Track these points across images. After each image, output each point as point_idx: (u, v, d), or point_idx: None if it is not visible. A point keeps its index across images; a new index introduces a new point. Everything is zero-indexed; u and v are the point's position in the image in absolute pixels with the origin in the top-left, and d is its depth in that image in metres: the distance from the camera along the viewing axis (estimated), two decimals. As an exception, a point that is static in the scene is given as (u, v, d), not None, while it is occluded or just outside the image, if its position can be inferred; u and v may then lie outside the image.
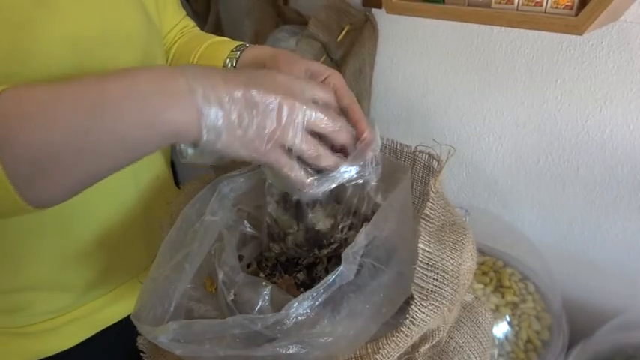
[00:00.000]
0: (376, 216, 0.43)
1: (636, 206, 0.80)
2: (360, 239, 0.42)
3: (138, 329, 0.42)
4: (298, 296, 0.40)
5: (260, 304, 0.43)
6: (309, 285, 0.48)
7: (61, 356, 0.62)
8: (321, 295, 0.40)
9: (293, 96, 0.41)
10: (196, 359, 0.42)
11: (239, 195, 0.54)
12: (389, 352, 0.41)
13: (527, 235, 0.92)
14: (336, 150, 0.46)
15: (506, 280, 0.82)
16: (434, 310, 0.41)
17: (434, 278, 0.42)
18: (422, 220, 0.44)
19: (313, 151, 0.43)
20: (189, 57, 0.66)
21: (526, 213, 0.94)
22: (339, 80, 0.50)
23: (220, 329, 0.41)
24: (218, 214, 0.50)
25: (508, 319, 0.77)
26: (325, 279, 0.40)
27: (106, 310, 0.64)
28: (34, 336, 0.60)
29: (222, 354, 0.40)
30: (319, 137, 0.44)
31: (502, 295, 0.80)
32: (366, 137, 0.46)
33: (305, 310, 0.40)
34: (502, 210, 0.97)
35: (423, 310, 0.41)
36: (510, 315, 0.78)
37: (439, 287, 0.42)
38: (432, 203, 0.45)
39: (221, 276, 0.46)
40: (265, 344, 0.40)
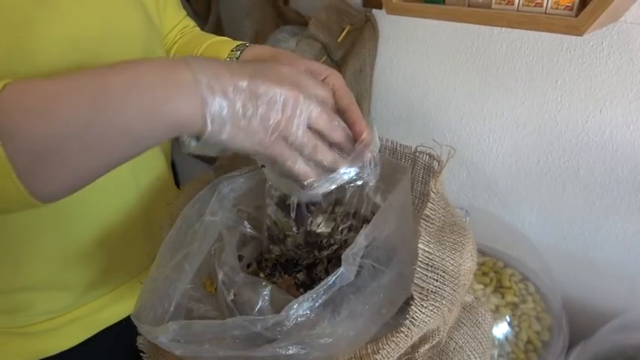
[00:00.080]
0: (376, 217, 0.43)
1: (636, 207, 0.80)
2: (360, 240, 0.42)
3: (138, 329, 0.42)
4: (298, 298, 0.40)
5: (260, 305, 0.43)
6: (309, 285, 0.49)
7: (62, 356, 0.62)
8: (321, 297, 0.40)
9: (298, 89, 0.41)
10: (196, 359, 0.42)
11: (239, 195, 0.54)
12: (389, 353, 0.41)
13: (527, 236, 0.92)
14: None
15: (506, 281, 0.82)
16: (434, 311, 0.41)
17: (434, 279, 0.42)
18: (422, 221, 0.44)
19: (313, 146, 0.43)
20: None
21: (526, 214, 0.94)
22: (339, 80, 0.50)
23: (220, 330, 0.41)
24: (218, 215, 0.51)
25: (508, 320, 0.77)
26: (325, 280, 0.40)
27: (106, 311, 0.64)
28: (35, 336, 0.60)
29: (221, 354, 0.40)
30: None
31: (502, 296, 0.80)
32: (365, 138, 0.46)
33: (305, 312, 0.40)
34: (502, 210, 0.97)
35: (423, 311, 0.41)
36: (510, 316, 0.78)
37: (439, 288, 0.42)
38: (433, 204, 0.45)
39: (221, 276, 0.46)
40: (265, 345, 0.40)
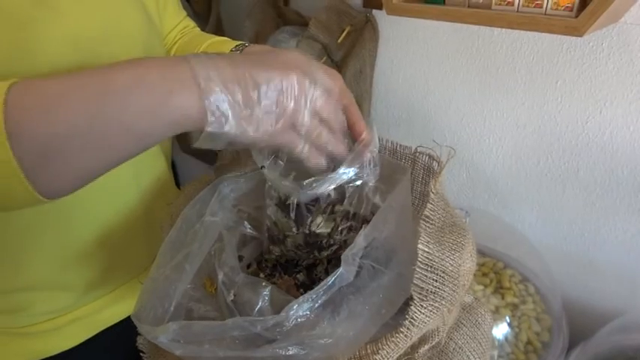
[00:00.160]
0: (375, 217, 0.43)
1: (636, 208, 0.80)
2: (360, 241, 0.42)
3: (138, 329, 0.42)
4: (298, 298, 0.40)
5: (260, 305, 0.43)
6: (308, 286, 0.49)
7: (62, 356, 0.62)
8: (321, 297, 0.40)
9: (303, 73, 0.41)
10: (196, 359, 0.42)
11: (239, 196, 0.54)
12: (388, 353, 0.41)
13: (527, 237, 0.92)
14: None
15: (506, 282, 0.82)
16: (433, 311, 0.41)
17: (433, 279, 0.42)
18: (422, 221, 0.44)
19: (318, 133, 0.42)
20: None
21: (526, 214, 0.94)
22: (338, 81, 0.51)
23: (220, 331, 0.41)
24: (218, 215, 0.51)
25: (508, 321, 0.77)
26: (325, 281, 0.40)
27: (107, 311, 0.64)
28: (35, 336, 0.61)
29: (221, 355, 0.40)
30: None
31: (502, 297, 0.80)
32: (364, 138, 0.46)
33: (305, 312, 0.40)
34: (502, 211, 0.97)
35: (423, 311, 0.41)
36: (510, 316, 0.78)
37: (439, 288, 0.42)
38: (432, 204, 0.45)
39: (221, 276, 0.46)
40: (265, 345, 0.40)
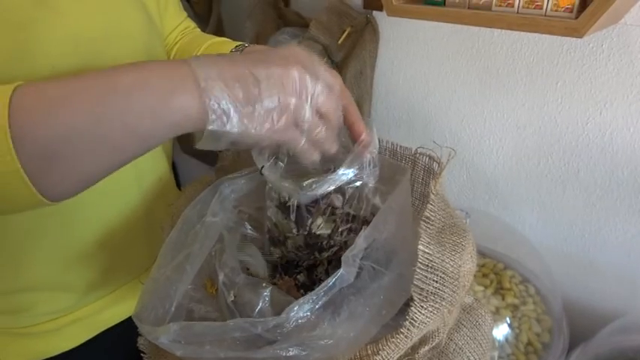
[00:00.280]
0: (375, 218, 0.43)
1: (637, 209, 0.80)
2: (360, 242, 0.42)
3: (139, 330, 0.42)
4: (298, 299, 0.40)
5: (260, 306, 0.43)
6: (309, 287, 0.49)
7: (63, 357, 0.62)
8: (322, 298, 0.40)
9: (305, 69, 0.41)
10: (197, 360, 0.42)
11: (240, 196, 0.54)
12: (389, 354, 0.41)
13: (527, 238, 0.92)
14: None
15: (506, 283, 0.82)
16: (433, 312, 0.41)
17: (434, 280, 0.42)
18: (422, 222, 0.44)
19: (319, 131, 0.42)
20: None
21: (526, 215, 0.94)
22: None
23: (221, 332, 0.41)
24: (219, 216, 0.51)
25: (508, 322, 0.77)
26: (325, 282, 0.40)
27: (108, 311, 0.65)
28: (37, 336, 0.61)
29: (222, 356, 0.40)
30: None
31: (502, 298, 0.80)
32: (364, 139, 0.46)
33: (305, 313, 0.40)
34: (502, 212, 0.97)
35: (423, 312, 0.41)
36: (511, 317, 0.78)
37: (439, 289, 0.42)
38: (433, 205, 0.45)
39: (221, 277, 0.46)
40: (266, 346, 0.40)
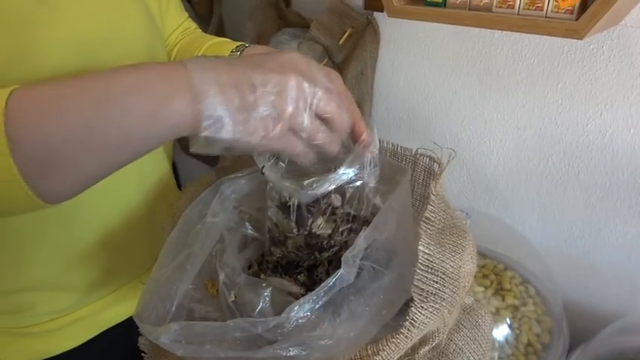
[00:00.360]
0: (376, 219, 0.43)
1: (637, 210, 0.80)
2: (360, 242, 0.42)
3: (140, 329, 0.43)
4: (299, 299, 0.40)
5: (261, 306, 0.44)
6: (309, 287, 0.49)
7: (64, 356, 0.62)
8: (322, 298, 0.41)
9: (302, 75, 0.40)
10: (197, 360, 0.42)
11: (241, 197, 0.54)
12: (389, 354, 0.41)
13: (527, 239, 0.92)
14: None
15: (506, 284, 0.82)
16: (434, 313, 0.41)
17: (434, 280, 0.42)
18: (422, 223, 0.44)
19: (323, 137, 0.42)
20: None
21: (527, 216, 0.94)
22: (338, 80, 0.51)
23: (221, 331, 0.41)
24: (219, 216, 0.51)
25: (509, 322, 0.77)
26: (325, 282, 0.41)
27: (109, 311, 0.65)
28: (38, 336, 0.61)
29: (223, 355, 0.40)
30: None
31: (503, 299, 0.80)
32: (365, 139, 0.46)
33: (305, 313, 0.40)
34: (503, 213, 0.97)
35: (423, 313, 0.41)
36: (511, 318, 0.78)
37: (439, 290, 0.42)
38: (433, 206, 0.45)
39: (222, 277, 0.46)
40: (266, 346, 0.40)
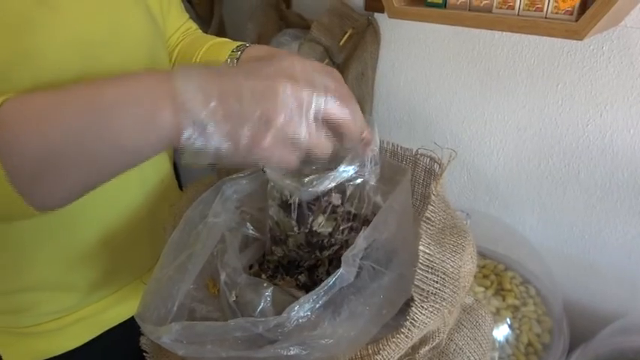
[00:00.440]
0: (376, 219, 0.43)
1: (637, 210, 0.80)
2: (360, 242, 0.42)
3: (142, 329, 0.43)
4: (299, 299, 0.41)
5: (262, 306, 0.44)
6: (310, 287, 0.49)
7: (66, 356, 0.62)
8: (322, 298, 0.41)
9: (297, 80, 0.38)
10: (199, 360, 0.42)
11: (242, 197, 0.54)
12: (389, 354, 0.41)
13: (528, 239, 0.92)
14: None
15: (507, 284, 0.82)
16: (434, 312, 0.41)
17: (434, 280, 0.42)
18: (423, 223, 0.44)
19: (321, 144, 0.40)
20: (191, 58, 0.67)
21: (527, 216, 0.94)
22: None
23: (222, 331, 0.41)
24: (221, 216, 0.51)
25: (509, 323, 0.77)
26: (325, 282, 0.41)
27: (111, 311, 0.65)
28: (40, 336, 0.61)
29: (224, 355, 0.40)
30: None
31: (503, 299, 0.80)
32: (365, 137, 0.46)
33: (306, 313, 0.41)
34: (503, 213, 0.97)
35: (423, 312, 0.41)
36: (511, 318, 0.78)
37: (439, 289, 0.42)
38: (433, 206, 0.45)
39: (223, 277, 0.46)
40: (267, 346, 0.40)
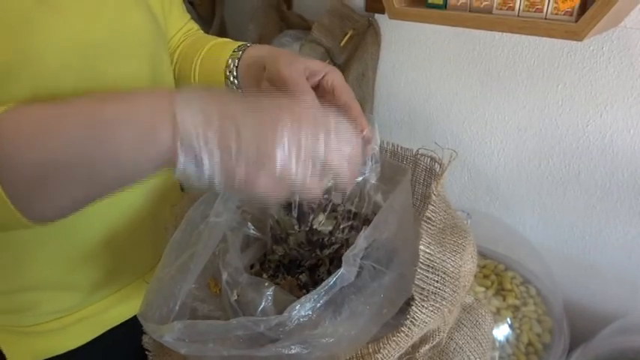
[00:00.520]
0: (376, 218, 0.44)
1: (637, 210, 0.81)
2: (360, 242, 0.42)
3: (144, 328, 0.43)
4: (300, 298, 0.41)
5: (263, 305, 0.44)
6: (311, 286, 0.49)
7: (68, 356, 0.62)
8: (323, 297, 0.41)
9: (299, 120, 0.38)
10: (200, 358, 0.43)
11: (244, 197, 0.54)
12: (389, 352, 0.41)
13: (528, 239, 0.93)
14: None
15: (507, 284, 0.82)
16: (434, 311, 0.42)
17: (434, 280, 0.43)
18: (423, 223, 0.44)
19: (314, 185, 0.39)
20: (192, 59, 0.67)
21: (527, 217, 0.94)
22: (338, 77, 0.51)
23: (224, 330, 0.41)
24: (222, 216, 0.51)
25: (509, 322, 0.78)
26: (326, 281, 0.41)
27: (113, 311, 0.65)
28: (42, 335, 0.61)
29: (225, 354, 0.41)
30: None
31: (503, 299, 0.80)
32: (365, 135, 0.46)
33: (307, 312, 0.41)
34: (503, 213, 0.97)
35: (424, 311, 0.41)
36: (512, 318, 0.78)
37: (439, 289, 0.42)
38: (434, 206, 0.45)
39: (225, 276, 0.46)
40: (268, 345, 0.41)
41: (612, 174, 0.81)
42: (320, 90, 0.52)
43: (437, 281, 0.43)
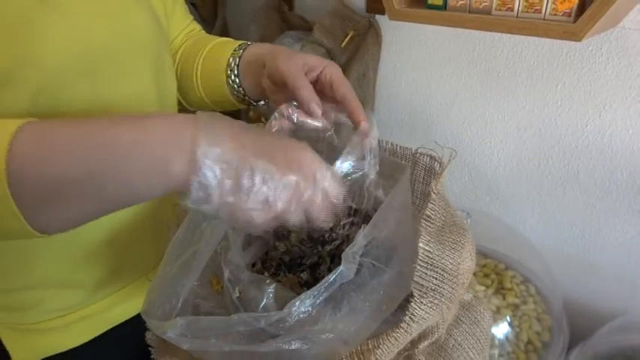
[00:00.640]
0: (375, 216, 0.44)
1: (636, 210, 0.81)
2: (360, 240, 0.43)
3: (147, 324, 0.44)
4: (300, 295, 0.41)
5: (265, 302, 0.44)
6: (312, 284, 0.50)
7: (71, 353, 0.63)
8: (322, 294, 0.42)
9: (305, 178, 0.41)
10: (203, 354, 0.43)
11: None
12: (389, 348, 0.42)
13: (528, 238, 0.93)
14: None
15: (507, 283, 0.83)
16: (433, 308, 0.42)
17: (433, 277, 0.43)
18: (423, 220, 0.45)
19: (303, 225, 0.44)
20: (194, 58, 0.67)
21: (527, 216, 0.95)
22: (336, 71, 0.51)
23: (226, 326, 0.42)
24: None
25: (509, 321, 0.78)
26: (326, 278, 0.42)
27: (116, 309, 0.65)
28: (45, 333, 0.61)
29: (227, 349, 0.41)
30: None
31: (503, 297, 0.81)
32: (363, 127, 0.47)
33: (307, 308, 0.41)
34: (503, 213, 0.98)
35: (422, 308, 0.42)
36: (511, 316, 0.78)
37: (438, 286, 0.43)
38: (433, 204, 0.46)
39: (227, 274, 0.47)
40: (269, 340, 0.41)
41: (611, 173, 0.82)
42: (319, 84, 0.53)
43: (436, 278, 0.43)
